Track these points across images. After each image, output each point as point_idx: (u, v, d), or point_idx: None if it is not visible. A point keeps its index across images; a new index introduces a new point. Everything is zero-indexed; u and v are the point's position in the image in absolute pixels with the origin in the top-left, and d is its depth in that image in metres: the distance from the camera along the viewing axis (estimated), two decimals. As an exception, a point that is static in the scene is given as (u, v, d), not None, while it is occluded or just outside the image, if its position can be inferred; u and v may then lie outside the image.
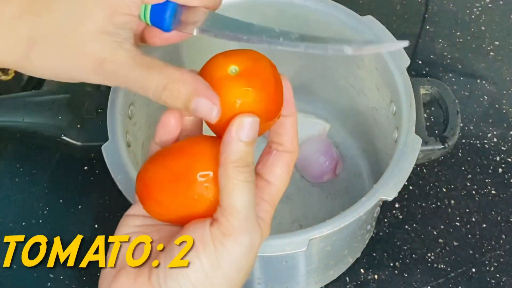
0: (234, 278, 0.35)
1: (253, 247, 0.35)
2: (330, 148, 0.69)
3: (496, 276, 0.63)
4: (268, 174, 0.39)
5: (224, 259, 0.34)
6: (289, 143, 0.39)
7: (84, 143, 0.58)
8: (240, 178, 0.35)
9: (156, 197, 0.37)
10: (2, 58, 0.38)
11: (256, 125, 0.36)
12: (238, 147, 0.35)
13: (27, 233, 0.67)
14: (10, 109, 0.60)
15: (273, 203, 0.39)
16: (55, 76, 0.39)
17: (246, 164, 0.35)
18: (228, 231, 0.34)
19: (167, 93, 0.36)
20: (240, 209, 0.35)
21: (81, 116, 0.59)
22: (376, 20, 0.60)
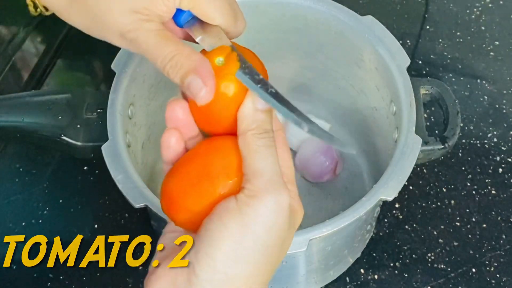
0: (266, 240, 0.34)
1: (281, 209, 0.34)
2: (330, 148, 0.69)
3: (496, 276, 0.63)
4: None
5: (252, 220, 0.33)
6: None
7: (84, 143, 0.58)
8: (259, 144, 0.35)
9: (182, 206, 0.37)
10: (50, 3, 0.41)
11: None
12: (255, 115, 0.36)
13: (27, 233, 0.67)
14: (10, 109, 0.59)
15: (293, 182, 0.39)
16: (87, 31, 0.41)
17: (265, 131, 0.36)
18: (253, 193, 0.34)
19: (172, 63, 0.37)
20: (263, 172, 0.34)
21: (81, 116, 0.59)
22: (376, 20, 0.60)
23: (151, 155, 0.64)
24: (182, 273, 0.34)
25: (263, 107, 0.36)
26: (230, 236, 0.33)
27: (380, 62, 0.59)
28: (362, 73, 0.63)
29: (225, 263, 0.33)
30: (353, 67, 0.64)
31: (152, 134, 0.63)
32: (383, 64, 0.58)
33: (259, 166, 0.35)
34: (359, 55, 0.62)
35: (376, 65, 0.60)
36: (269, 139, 0.36)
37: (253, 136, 0.35)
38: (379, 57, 0.58)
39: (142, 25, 0.39)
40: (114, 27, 0.39)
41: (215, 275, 0.33)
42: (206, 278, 0.33)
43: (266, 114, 0.37)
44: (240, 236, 0.33)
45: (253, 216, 0.33)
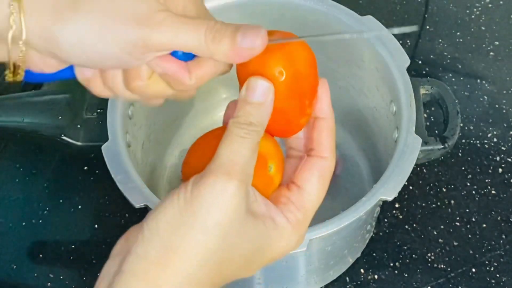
0: (205, 223, 0.34)
1: (224, 194, 0.34)
2: (330, 148, 0.69)
3: (496, 276, 0.63)
4: (297, 178, 0.38)
5: (195, 198, 0.34)
6: (324, 150, 0.39)
7: (84, 143, 0.58)
8: (233, 132, 0.35)
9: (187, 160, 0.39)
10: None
11: (266, 89, 0.36)
12: (242, 106, 0.36)
13: (27, 233, 0.67)
14: (10, 109, 0.60)
15: (303, 208, 0.38)
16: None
17: (246, 122, 0.36)
18: (204, 174, 0.34)
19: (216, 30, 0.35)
20: (220, 156, 0.35)
21: (81, 116, 0.59)
22: (376, 20, 0.60)
23: (151, 155, 0.64)
24: (135, 231, 0.35)
25: (254, 100, 0.36)
26: (176, 208, 0.34)
27: (380, 62, 0.59)
28: (362, 73, 0.63)
29: (166, 231, 0.34)
30: (353, 67, 0.64)
31: (152, 134, 0.63)
32: (383, 64, 0.58)
33: (221, 150, 0.35)
34: (359, 55, 0.62)
35: (376, 65, 0.60)
36: (246, 131, 0.35)
37: (233, 124, 0.35)
38: (379, 57, 0.58)
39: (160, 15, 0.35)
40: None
41: (155, 238, 0.34)
42: (147, 237, 0.34)
43: (255, 108, 0.36)
44: (184, 211, 0.34)
45: (196, 195, 0.34)
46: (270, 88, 0.37)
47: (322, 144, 0.39)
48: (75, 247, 0.66)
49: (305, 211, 0.38)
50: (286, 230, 0.37)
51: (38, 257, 0.66)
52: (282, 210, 0.37)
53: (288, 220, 0.37)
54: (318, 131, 0.39)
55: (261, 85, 0.36)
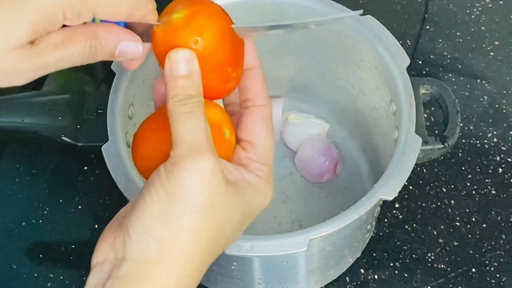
0: (193, 205, 0.34)
1: (204, 173, 0.34)
2: (330, 148, 0.69)
3: (496, 276, 0.63)
4: (246, 135, 0.39)
5: (176, 186, 0.34)
6: (257, 96, 0.40)
7: (84, 144, 0.58)
8: (180, 110, 0.35)
9: (139, 150, 0.39)
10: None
11: (188, 57, 0.37)
12: (173, 82, 0.36)
13: (27, 233, 0.67)
14: (10, 110, 0.60)
15: (265, 161, 0.39)
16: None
17: (186, 97, 0.36)
18: (175, 160, 0.34)
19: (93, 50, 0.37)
20: (183, 138, 0.35)
21: (81, 116, 0.59)
22: (376, 20, 0.60)
23: (151, 155, 0.64)
24: (120, 235, 0.35)
25: (182, 72, 0.36)
26: (158, 201, 0.34)
27: (380, 62, 0.59)
28: (362, 73, 0.63)
29: (154, 227, 0.34)
30: (353, 67, 0.64)
31: (152, 134, 0.63)
32: (383, 64, 0.58)
33: (180, 133, 0.35)
34: (359, 55, 0.62)
35: (376, 65, 0.60)
36: (191, 105, 0.36)
37: (174, 104, 0.36)
38: (379, 57, 0.58)
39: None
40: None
41: (146, 238, 0.34)
42: (137, 240, 0.35)
43: (186, 79, 0.36)
44: (167, 201, 0.34)
45: (177, 183, 0.34)
46: (192, 56, 0.37)
47: (257, 93, 0.40)
48: (75, 247, 0.66)
49: (268, 163, 0.39)
50: (261, 185, 0.38)
51: (38, 257, 0.66)
52: (250, 169, 0.39)
53: (259, 177, 0.38)
54: (250, 82, 0.40)
55: (183, 55, 0.37)
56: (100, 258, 0.36)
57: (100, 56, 0.37)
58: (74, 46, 0.35)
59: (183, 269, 0.35)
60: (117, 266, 0.35)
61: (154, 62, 0.60)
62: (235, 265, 0.55)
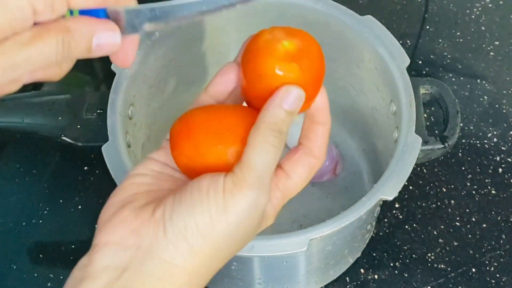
0: (235, 230, 0.35)
1: (258, 206, 0.35)
2: (330, 148, 0.69)
3: (496, 276, 0.63)
4: (289, 168, 0.39)
5: (229, 207, 0.34)
6: (317, 150, 0.40)
7: (84, 144, 0.58)
8: (268, 140, 0.35)
9: (181, 148, 0.37)
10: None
11: (301, 98, 0.37)
12: (277, 112, 0.36)
13: (27, 233, 0.67)
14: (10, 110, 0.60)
15: (285, 195, 0.39)
16: None
17: (279, 130, 0.36)
18: (240, 183, 0.34)
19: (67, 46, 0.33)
20: (257, 167, 0.35)
21: (81, 116, 0.59)
22: (376, 20, 0.60)
23: (151, 155, 0.64)
24: (149, 224, 0.34)
25: (288, 107, 0.37)
26: (208, 213, 0.34)
27: (380, 62, 0.59)
28: (362, 73, 0.63)
29: (195, 237, 0.34)
30: (353, 67, 0.64)
31: (152, 134, 0.63)
32: (383, 64, 0.58)
33: (256, 159, 0.35)
34: (359, 55, 0.62)
35: (376, 65, 0.60)
36: (279, 141, 0.36)
37: (266, 129, 0.36)
38: (379, 57, 0.58)
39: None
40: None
41: (182, 244, 0.34)
42: (173, 242, 0.34)
43: (288, 116, 0.37)
44: (216, 217, 0.34)
45: (232, 205, 0.34)
46: (303, 97, 0.37)
47: (318, 147, 0.40)
48: (75, 247, 0.66)
49: (284, 198, 0.40)
50: (270, 212, 0.38)
51: (38, 257, 0.66)
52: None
53: (272, 204, 0.38)
54: (316, 135, 0.40)
55: (298, 94, 0.37)
56: (113, 238, 0.35)
57: (76, 52, 0.33)
58: (44, 42, 0.32)
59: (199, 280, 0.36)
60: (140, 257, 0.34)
61: (154, 62, 0.60)
62: (235, 265, 0.55)
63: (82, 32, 0.33)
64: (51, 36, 0.32)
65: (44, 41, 0.32)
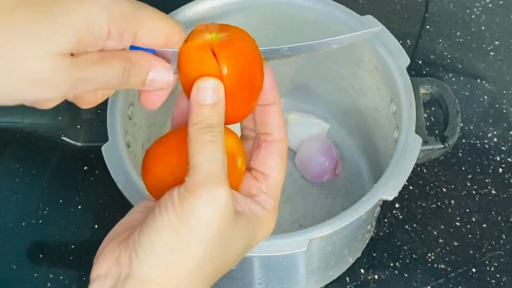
0: (202, 235, 0.35)
1: (217, 204, 0.35)
2: (330, 148, 0.69)
3: (496, 276, 0.63)
4: (262, 167, 0.40)
5: (189, 214, 0.34)
6: (276, 132, 0.40)
7: (84, 144, 0.58)
8: (201, 138, 0.35)
9: (151, 170, 0.39)
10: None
11: (216, 87, 0.37)
12: (198, 110, 0.36)
13: (27, 233, 0.67)
14: (10, 110, 0.60)
15: (274, 195, 0.40)
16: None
17: (208, 125, 0.36)
18: (190, 187, 0.34)
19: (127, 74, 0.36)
20: (201, 166, 0.35)
21: (81, 116, 0.59)
22: (376, 20, 0.60)
23: (151, 155, 0.64)
24: (126, 251, 0.35)
25: (208, 101, 0.36)
26: (170, 226, 0.34)
27: (380, 62, 0.59)
28: (362, 73, 0.63)
29: (163, 250, 0.34)
30: (353, 67, 0.64)
31: (152, 134, 0.63)
32: (383, 64, 0.58)
33: (198, 160, 0.35)
34: (359, 55, 0.62)
35: (376, 65, 0.60)
36: (213, 134, 0.36)
37: (196, 131, 0.35)
38: (379, 57, 0.58)
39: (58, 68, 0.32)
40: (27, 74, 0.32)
41: (153, 260, 0.34)
42: (144, 260, 0.35)
43: (211, 108, 0.36)
44: (178, 227, 0.34)
45: (189, 210, 0.34)
46: (220, 86, 0.37)
47: (276, 128, 0.40)
48: (75, 247, 0.66)
49: (276, 197, 0.40)
50: (266, 218, 0.39)
51: (38, 257, 0.66)
52: (257, 201, 0.39)
53: (265, 209, 0.39)
54: (271, 117, 0.40)
55: (212, 85, 0.37)
56: (102, 271, 0.36)
57: (132, 82, 0.36)
58: (110, 65, 0.35)
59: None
60: (121, 283, 0.35)
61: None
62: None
63: (142, 65, 0.37)
64: (116, 61, 0.35)
65: (110, 64, 0.35)
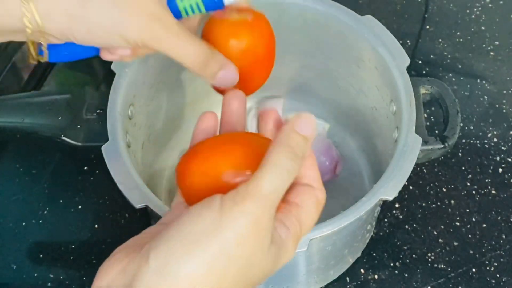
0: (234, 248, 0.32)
1: (260, 224, 0.32)
2: (330, 148, 0.69)
3: (496, 276, 0.63)
4: (297, 198, 0.38)
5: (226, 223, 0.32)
6: (313, 181, 0.39)
7: (84, 144, 0.58)
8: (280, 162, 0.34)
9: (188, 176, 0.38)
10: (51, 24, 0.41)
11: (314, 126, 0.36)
12: (293, 135, 0.35)
13: (27, 233, 0.67)
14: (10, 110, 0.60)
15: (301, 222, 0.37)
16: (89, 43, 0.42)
17: (294, 154, 0.34)
18: (242, 199, 0.32)
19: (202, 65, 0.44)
20: (264, 184, 0.33)
21: (81, 116, 0.59)
22: (376, 20, 0.60)
23: (151, 155, 0.64)
24: (135, 259, 0.33)
25: (305, 133, 0.35)
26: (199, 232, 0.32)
27: (380, 62, 0.59)
28: (362, 73, 0.63)
29: (180, 258, 0.31)
30: (353, 67, 0.64)
31: (152, 134, 0.63)
32: (383, 64, 0.58)
33: (265, 178, 0.33)
34: (359, 55, 0.62)
35: (376, 65, 0.60)
36: (292, 165, 0.34)
37: (281, 153, 0.34)
38: (379, 57, 0.58)
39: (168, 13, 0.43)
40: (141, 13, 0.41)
41: (165, 267, 0.31)
42: (155, 269, 0.31)
43: (305, 142, 0.35)
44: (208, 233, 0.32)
45: (229, 221, 0.32)
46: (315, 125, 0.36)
47: (316, 180, 0.39)
48: (75, 247, 0.66)
49: (302, 225, 0.37)
50: (289, 243, 0.36)
51: (38, 257, 0.66)
52: (283, 219, 0.36)
53: (289, 231, 0.36)
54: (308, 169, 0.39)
55: (312, 122, 0.36)
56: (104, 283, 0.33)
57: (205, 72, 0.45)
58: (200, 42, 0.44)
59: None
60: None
61: (154, 62, 0.60)
62: (235, 265, 0.55)
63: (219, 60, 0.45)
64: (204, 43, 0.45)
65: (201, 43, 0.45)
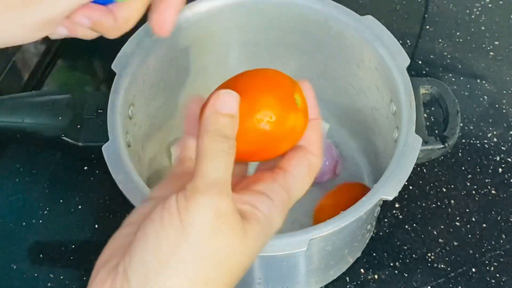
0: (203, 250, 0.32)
1: (220, 211, 0.32)
2: (330, 148, 0.69)
3: (496, 276, 0.63)
4: (286, 164, 0.38)
5: (187, 225, 0.31)
6: (312, 146, 0.39)
7: (84, 144, 0.58)
8: (214, 147, 0.34)
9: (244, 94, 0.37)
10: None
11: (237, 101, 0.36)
12: (214, 118, 0.35)
13: (27, 233, 0.67)
14: (10, 110, 0.60)
15: (288, 189, 0.37)
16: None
17: (223, 135, 0.34)
18: (192, 195, 0.32)
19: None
20: (208, 173, 0.33)
21: (81, 116, 0.59)
22: (376, 20, 0.60)
23: (151, 155, 0.64)
24: (117, 278, 0.32)
25: (227, 111, 0.35)
26: (166, 242, 0.31)
27: (380, 62, 0.59)
28: (362, 73, 0.63)
29: (159, 272, 0.31)
30: (353, 67, 0.64)
31: (152, 134, 0.63)
32: (383, 64, 0.58)
33: (207, 168, 0.33)
34: (359, 55, 0.62)
35: (376, 65, 0.60)
36: (227, 145, 0.34)
37: (210, 138, 0.34)
38: (379, 57, 0.58)
39: None
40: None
41: (147, 284, 0.31)
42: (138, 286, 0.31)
43: (229, 119, 0.35)
44: (175, 240, 0.31)
45: (189, 220, 0.32)
46: (238, 99, 0.36)
47: (313, 143, 0.39)
48: (75, 247, 0.66)
49: (290, 192, 0.37)
50: (274, 214, 0.36)
51: (38, 257, 0.66)
52: (264, 191, 0.36)
53: (273, 202, 0.36)
54: (309, 130, 0.39)
55: (233, 97, 0.36)
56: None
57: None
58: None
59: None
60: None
61: (154, 62, 0.60)
62: (235, 265, 0.55)
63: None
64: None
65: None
